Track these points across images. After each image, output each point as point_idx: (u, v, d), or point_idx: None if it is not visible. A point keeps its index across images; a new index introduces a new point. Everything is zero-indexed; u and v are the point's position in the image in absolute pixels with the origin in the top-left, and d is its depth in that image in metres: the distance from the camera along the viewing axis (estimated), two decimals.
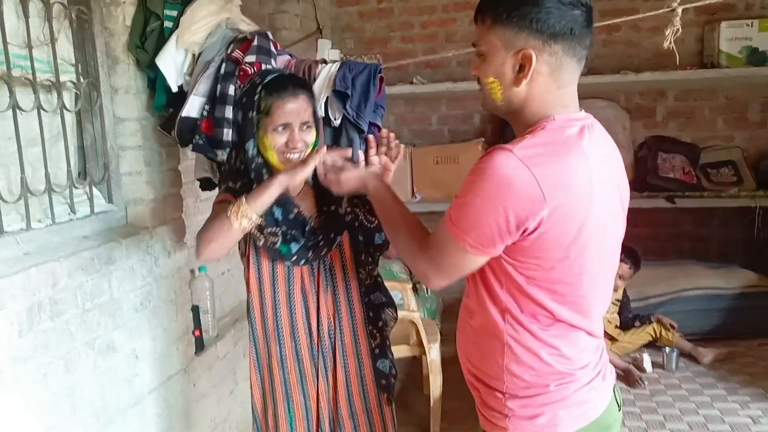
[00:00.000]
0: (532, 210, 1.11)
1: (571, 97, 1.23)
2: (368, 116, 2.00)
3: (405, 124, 4.43)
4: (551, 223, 1.12)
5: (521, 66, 1.17)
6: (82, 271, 1.83)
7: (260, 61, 1.96)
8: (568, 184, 1.13)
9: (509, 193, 1.10)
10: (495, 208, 1.12)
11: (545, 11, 1.14)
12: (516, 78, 1.18)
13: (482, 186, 1.13)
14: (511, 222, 1.12)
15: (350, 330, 1.78)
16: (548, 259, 1.17)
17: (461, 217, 1.17)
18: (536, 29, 1.15)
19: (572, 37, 1.16)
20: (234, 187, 1.69)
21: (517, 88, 1.19)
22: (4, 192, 1.68)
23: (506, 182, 1.10)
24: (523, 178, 1.10)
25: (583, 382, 1.26)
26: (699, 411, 2.74)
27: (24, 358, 1.61)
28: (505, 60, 1.18)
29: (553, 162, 1.13)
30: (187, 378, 2.38)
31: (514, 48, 1.17)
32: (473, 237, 1.16)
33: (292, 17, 3.68)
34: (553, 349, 1.23)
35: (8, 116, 1.70)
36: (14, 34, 1.73)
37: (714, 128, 4.16)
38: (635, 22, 3.95)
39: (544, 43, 1.15)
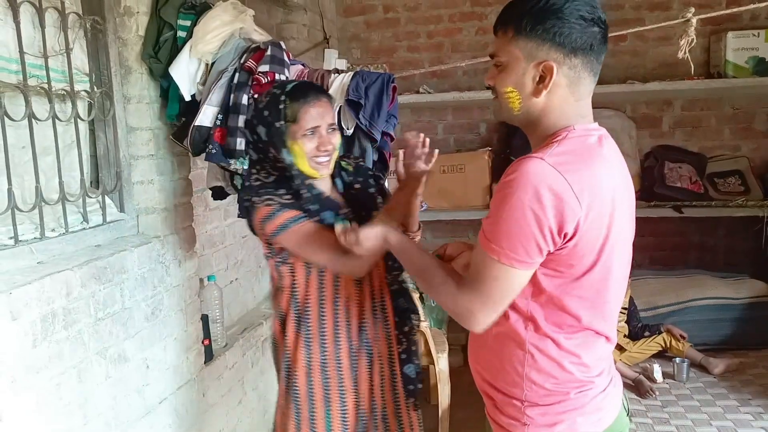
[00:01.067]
0: (570, 215, 1.13)
1: (587, 108, 1.27)
2: (381, 125, 2.01)
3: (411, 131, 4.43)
4: (585, 228, 1.15)
5: (542, 77, 1.20)
6: (95, 281, 1.83)
7: (274, 71, 1.96)
8: (597, 190, 1.17)
9: (548, 200, 1.12)
10: (536, 216, 1.12)
11: (569, 26, 1.17)
12: (536, 89, 1.21)
13: (518, 197, 1.13)
14: (554, 228, 1.13)
15: (384, 335, 1.79)
16: (582, 265, 1.19)
17: (500, 234, 1.16)
18: (559, 42, 1.18)
19: (591, 52, 1.20)
20: (291, 202, 1.68)
21: (536, 99, 1.22)
22: (19, 201, 1.68)
23: (543, 189, 1.12)
24: (559, 183, 1.12)
25: (600, 389, 1.29)
26: (712, 422, 2.71)
27: (38, 368, 1.60)
28: (525, 71, 1.21)
29: (583, 168, 1.16)
30: (197, 388, 2.37)
31: (536, 59, 1.20)
32: (519, 251, 1.15)
33: (300, 27, 3.70)
34: (575, 357, 1.25)
35: (23, 125, 1.71)
36: (30, 44, 1.74)
37: (721, 138, 4.16)
38: (641, 32, 3.96)
39: (565, 57, 1.19)
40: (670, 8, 3.99)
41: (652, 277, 3.88)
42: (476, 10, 4.17)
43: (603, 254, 1.20)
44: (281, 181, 1.71)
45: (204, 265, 2.61)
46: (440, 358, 3.09)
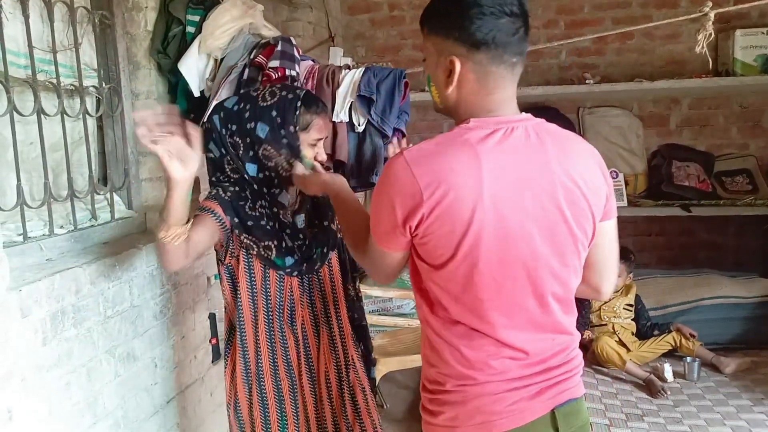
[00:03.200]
0: (412, 206, 1.16)
1: (498, 103, 1.24)
2: (393, 121, 1.98)
3: (416, 132, 4.40)
4: (433, 221, 1.16)
5: (449, 72, 1.22)
6: (104, 278, 1.81)
7: (284, 66, 1.94)
8: (449, 185, 1.14)
9: (394, 191, 1.18)
10: (386, 205, 1.20)
11: (468, 20, 1.18)
12: (446, 82, 1.24)
13: (379, 190, 1.23)
14: (399, 217, 1.18)
15: (340, 340, 1.81)
16: (436, 257, 1.20)
17: (373, 222, 1.28)
18: (459, 38, 1.20)
19: (495, 46, 1.19)
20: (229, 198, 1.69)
21: (446, 92, 1.24)
22: (27, 197, 1.66)
23: (391, 181, 1.19)
24: (405, 176, 1.16)
25: (490, 390, 1.22)
26: (726, 422, 2.69)
27: (48, 366, 1.58)
28: (437, 65, 1.25)
29: (436, 162, 1.16)
30: (205, 387, 2.35)
31: (443, 55, 1.23)
32: (379, 234, 1.26)
33: (305, 25, 3.68)
34: (454, 349, 1.24)
35: (31, 121, 1.69)
36: (39, 39, 1.72)
37: (728, 136, 4.14)
38: (648, 30, 3.94)
39: (467, 51, 1.20)
40: (678, 6, 3.97)
41: (661, 276, 3.85)
42: None
43: (460, 250, 1.16)
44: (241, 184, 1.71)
45: (211, 264, 2.58)
46: None
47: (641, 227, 4.20)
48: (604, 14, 4.09)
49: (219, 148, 1.71)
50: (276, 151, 1.66)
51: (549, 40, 3.84)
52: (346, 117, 2.01)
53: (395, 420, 3.15)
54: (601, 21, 4.08)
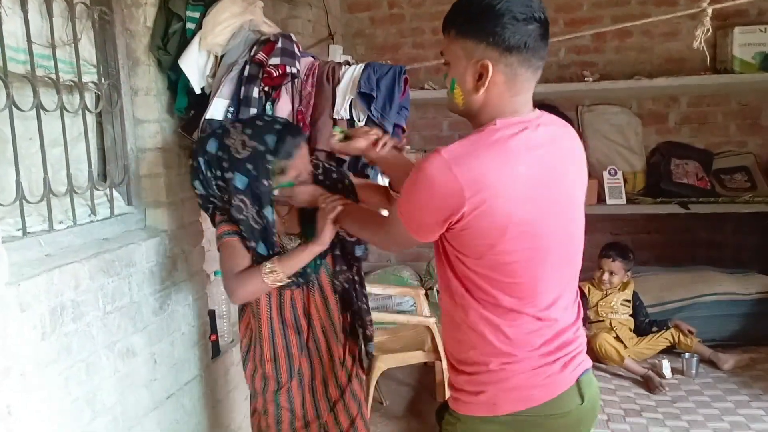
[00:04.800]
0: (454, 204, 1.22)
1: (521, 104, 1.31)
2: (393, 118, 1.99)
3: (416, 130, 4.41)
4: (473, 217, 1.23)
5: (480, 75, 1.27)
6: (104, 274, 1.81)
7: (285, 63, 1.94)
8: (489, 182, 1.22)
9: (435, 192, 1.23)
10: (426, 205, 1.26)
11: (501, 26, 1.23)
12: (475, 85, 1.28)
13: (417, 186, 1.26)
14: (440, 216, 1.25)
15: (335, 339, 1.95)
16: (475, 248, 1.28)
17: (405, 210, 1.33)
18: (493, 42, 1.24)
19: (526, 50, 1.25)
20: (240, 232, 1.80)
21: (476, 95, 1.29)
22: (27, 193, 1.66)
23: (431, 182, 1.23)
24: (446, 175, 1.21)
25: (528, 366, 1.33)
26: (723, 417, 2.69)
27: (47, 362, 1.59)
28: (466, 69, 1.29)
29: (475, 161, 1.22)
30: (204, 383, 2.35)
31: (474, 58, 1.27)
32: (414, 227, 1.33)
33: (305, 23, 3.68)
34: (496, 329, 1.32)
35: (30, 116, 1.69)
36: (38, 34, 1.72)
37: (727, 134, 4.14)
38: (647, 28, 3.94)
39: (500, 55, 1.25)
40: (677, 4, 3.97)
41: (660, 272, 3.85)
42: None
43: (500, 242, 1.25)
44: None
45: (211, 261, 2.58)
46: None
47: (640, 225, 4.21)
48: (603, 12, 4.09)
49: (205, 189, 1.82)
50: (250, 203, 1.73)
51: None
52: (346, 114, 2.02)
53: (395, 417, 3.15)
54: (600, 19, 4.08)
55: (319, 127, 2.06)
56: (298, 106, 2.07)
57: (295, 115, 2.06)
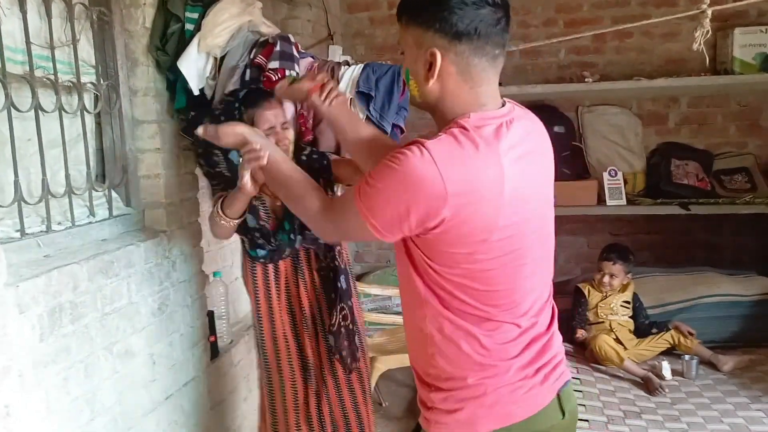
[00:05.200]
0: (435, 208, 1.12)
1: (488, 96, 1.23)
2: (391, 118, 1.99)
3: (414, 130, 4.37)
4: (454, 223, 1.13)
5: (430, 65, 1.19)
6: (102, 275, 1.81)
7: (284, 67, 1.95)
8: (475, 187, 1.13)
9: (415, 190, 1.12)
10: (399, 201, 1.14)
11: (448, 11, 1.15)
12: (426, 75, 1.20)
13: (393, 176, 1.14)
14: (412, 217, 1.14)
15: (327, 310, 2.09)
16: (450, 256, 1.18)
17: (369, 199, 1.18)
18: (440, 29, 1.16)
19: (478, 37, 1.16)
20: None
21: (428, 86, 1.20)
22: (25, 193, 1.66)
23: (414, 179, 1.11)
24: (432, 175, 1.11)
25: (508, 379, 1.24)
26: (723, 419, 2.69)
27: (45, 362, 1.58)
28: (417, 58, 1.21)
29: (463, 163, 1.13)
30: (203, 384, 2.35)
31: (423, 47, 1.19)
32: (377, 221, 1.18)
33: (304, 23, 3.68)
34: (472, 339, 1.22)
35: (29, 117, 1.69)
36: (36, 35, 1.72)
37: (727, 135, 4.13)
38: (647, 29, 3.94)
39: (449, 43, 1.17)
40: (677, 4, 3.97)
41: (660, 274, 3.84)
42: None
43: (480, 249, 1.17)
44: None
45: (210, 261, 2.58)
46: None
47: (640, 226, 4.20)
48: (603, 13, 4.08)
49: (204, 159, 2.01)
50: (221, 154, 1.89)
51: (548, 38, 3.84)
52: None
53: (395, 417, 3.15)
54: (600, 20, 4.07)
55: (322, 130, 2.06)
56: (299, 110, 2.07)
57: (297, 119, 2.06)
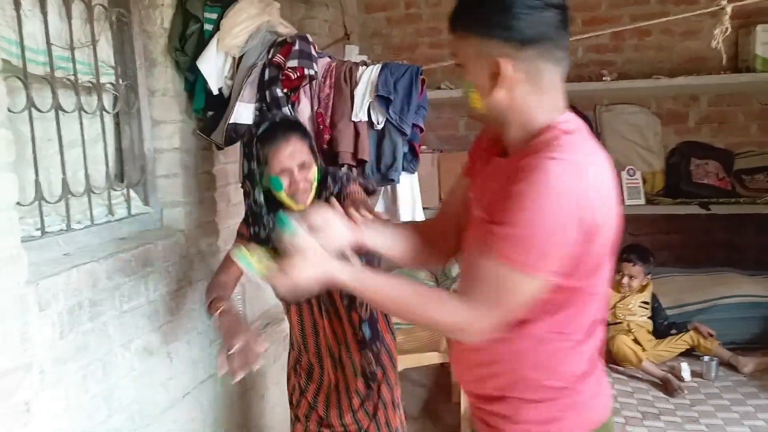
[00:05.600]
0: (591, 221, 1.09)
1: (560, 99, 1.19)
2: (411, 119, 2.00)
3: (432, 130, 4.40)
4: (602, 221, 1.11)
5: (495, 74, 1.13)
6: (120, 273, 1.83)
7: (302, 66, 1.96)
8: (607, 195, 1.13)
9: (569, 203, 1.06)
10: (563, 222, 1.06)
11: (513, 17, 1.10)
12: (491, 86, 1.15)
13: (543, 201, 1.06)
14: (581, 231, 1.08)
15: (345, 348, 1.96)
16: (598, 256, 1.14)
17: (525, 242, 1.08)
18: (506, 37, 1.11)
19: (546, 41, 1.12)
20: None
21: (494, 97, 1.15)
22: (46, 193, 1.68)
23: (568, 192, 1.06)
24: (582, 184, 1.07)
25: (596, 380, 1.25)
26: (743, 421, 2.66)
27: (65, 359, 1.61)
28: (480, 69, 1.15)
29: (596, 166, 1.12)
30: (220, 382, 2.37)
31: (487, 56, 1.13)
32: (551, 262, 1.09)
33: (321, 23, 3.69)
34: (574, 345, 1.20)
35: (49, 117, 1.71)
36: (57, 36, 1.74)
37: (748, 134, 4.08)
38: (666, 26, 3.90)
39: (516, 50, 1.12)
40: (697, 2, 3.92)
41: (679, 274, 3.81)
42: None
43: (606, 253, 1.18)
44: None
45: None
46: None
47: (659, 226, 4.16)
48: (621, 11, 4.05)
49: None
50: (249, 186, 1.77)
51: None
52: (365, 116, 2.03)
53: (410, 417, 3.14)
54: (619, 18, 4.04)
55: (341, 129, 2.06)
56: (317, 109, 2.07)
57: (314, 118, 2.07)
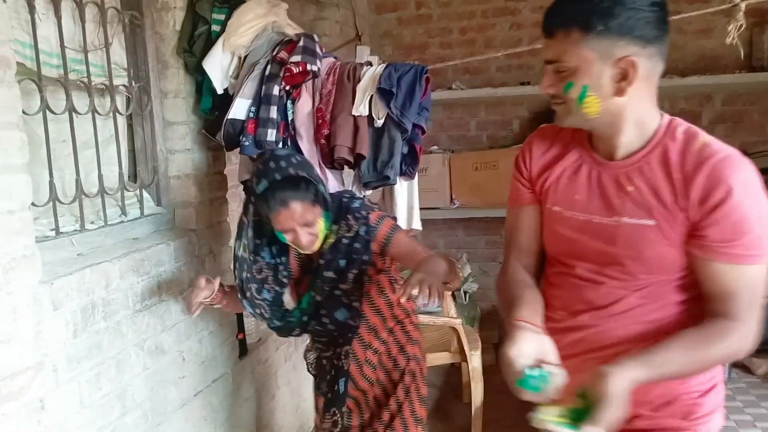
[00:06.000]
0: None
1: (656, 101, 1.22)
2: (412, 116, 1.98)
3: (443, 130, 4.40)
4: None
5: (623, 75, 1.12)
6: (133, 273, 1.85)
7: (305, 61, 1.96)
8: None
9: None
10: None
11: (644, 15, 1.10)
12: (617, 88, 1.13)
13: (760, 195, 1.12)
14: None
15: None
16: None
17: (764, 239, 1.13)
18: (637, 35, 1.10)
19: (664, 38, 1.14)
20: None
21: (619, 99, 1.14)
22: (60, 194, 1.71)
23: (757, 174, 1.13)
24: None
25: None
26: (756, 424, 2.63)
27: (78, 358, 1.63)
28: (602, 71, 1.12)
29: None
30: (231, 381, 2.38)
31: (613, 57, 1.11)
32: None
33: (332, 24, 3.70)
34: None
35: (63, 119, 1.73)
36: (71, 39, 1.76)
37: (763, 133, 4.04)
38: (680, 25, 3.86)
39: (642, 48, 1.11)
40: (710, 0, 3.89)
41: None
42: (509, 5, 4.12)
43: None
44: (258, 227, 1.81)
45: None
46: (473, 356, 3.06)
47: None
48: None
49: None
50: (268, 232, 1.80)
51: None
52: (365, 110, 2.01)
53: None
54: None
55: (340, 123, 2.05)
56: (317, 104, 2.07)
57: (314, 113, 2.07)
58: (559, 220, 1.28)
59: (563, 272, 1.31)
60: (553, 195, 1.29)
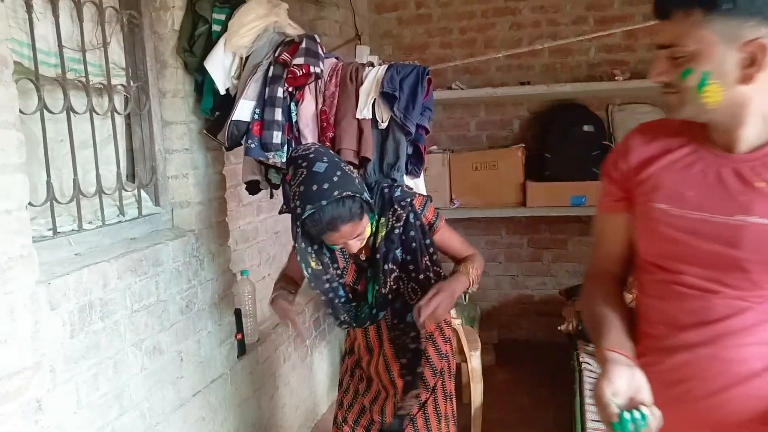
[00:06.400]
0: None
1: None
2: (416, 118, 1.98)
3: (443, 130, 4.39)
4: None
5: (753, 59, 1.00)
6: (131, 273, 1.85)
7: (308, 63, 1.96)
8: None
9: None
10: None
11: None
12: (744, 74, 1.01)
13: None
14: None
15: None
16: None
17: None
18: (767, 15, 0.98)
19: None
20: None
21: (744, 87, 1.02)
22: (57, 193, 1.70)
23: None
24: None
25: None
26: None
27: (76, 358, 1.62)
28: (725, 56, 1.01)
29: None
30: (230, 382, 2.38)
31: (741, 40, 0.99)
32: None
33: (332, 23, 3.70)
34: None
35: (61, 119, 1.73)
36: (69, 38, 1.76)
37: None
38: None
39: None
40: None
41: None
42: (509, 5, 4.11)
43: None
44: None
45: (237, 260, 2.62)
46: (473, 357, 3.05)
47: None
48: (634, 10, 4.01)
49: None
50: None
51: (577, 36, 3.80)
52: (369, 114, 2.01)
53: None
54: (631, 16, 4.00)
55: (344, 127, 2.05)
56: (321, 106, 2.07)
57: (318, 115, 2.07)
58: (664, 219, 1.14)
59: (665, 280, 1.16)
60: (657, 191, 1.16)
